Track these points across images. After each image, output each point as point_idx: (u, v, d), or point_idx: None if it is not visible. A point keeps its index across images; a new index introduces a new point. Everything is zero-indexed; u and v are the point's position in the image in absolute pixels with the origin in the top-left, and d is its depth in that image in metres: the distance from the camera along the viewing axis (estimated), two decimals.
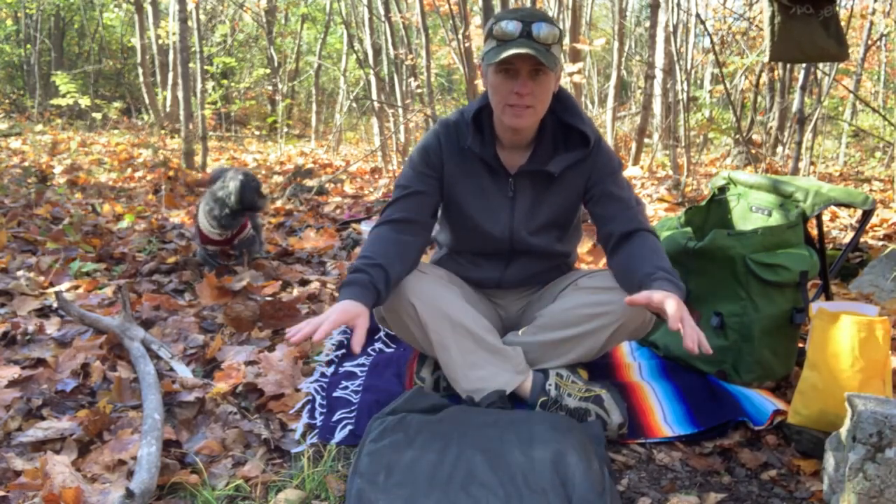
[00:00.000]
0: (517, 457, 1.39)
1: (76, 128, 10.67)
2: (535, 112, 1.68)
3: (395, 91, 7.70)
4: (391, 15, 7.36)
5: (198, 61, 6.81)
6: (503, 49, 1.60)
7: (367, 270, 1.61)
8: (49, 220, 3.96)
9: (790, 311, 1.93)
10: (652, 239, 1.72)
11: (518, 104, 1.65)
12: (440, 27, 8.49)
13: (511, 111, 1.66)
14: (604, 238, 1.79)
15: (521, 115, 1.67)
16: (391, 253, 1.68)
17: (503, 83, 1.65)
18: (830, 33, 2.76)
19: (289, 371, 2.01)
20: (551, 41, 1.61)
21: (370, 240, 1.74)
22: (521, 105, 1.65)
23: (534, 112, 1.68)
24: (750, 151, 6.14)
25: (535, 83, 1.64)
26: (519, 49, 1.57)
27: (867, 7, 8.12)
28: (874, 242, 3.74)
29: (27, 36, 13.91)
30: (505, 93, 1.65)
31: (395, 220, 1.75)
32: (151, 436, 1.52)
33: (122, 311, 2.21)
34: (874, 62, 11.63)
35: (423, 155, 1.81)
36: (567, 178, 1.79)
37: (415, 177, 1.80)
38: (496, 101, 1.69)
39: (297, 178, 6.23)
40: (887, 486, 1.26)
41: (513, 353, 1.76)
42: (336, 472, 1.53)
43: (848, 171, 8.18)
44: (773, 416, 1.73)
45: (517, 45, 1.58)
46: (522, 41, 1.59)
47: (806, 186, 2.11)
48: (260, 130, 13.23)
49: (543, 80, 1.64)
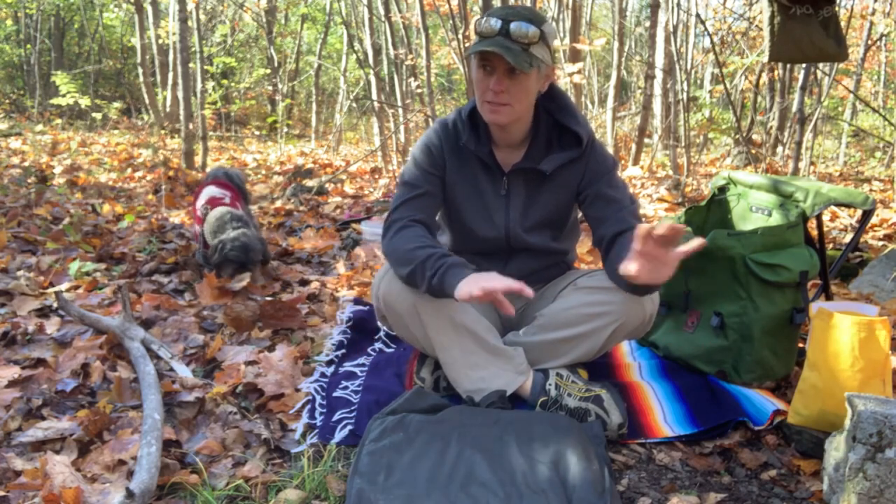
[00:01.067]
0: (517, 457, 1.39)
1: (76, 128, 10.67)
2: (514, 110, 1.69)
3: (395, 91, 7.69)
4: (391, 15, 7.36)
5: (198, 61, 6.82)
6: (479, 44, 1.61)
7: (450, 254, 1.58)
8: (49, 220, 3.96)
9: (790, 311, 1.93)
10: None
11: (494, 101, 1.66)
12: (440, 27, 8.49)
13: (488, 107, 1.68)
14: (597, 242, 1.79)
15: (498, 111, 1.67)
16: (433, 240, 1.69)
17: (482, 79, 1.67)
18: (830, 33, 2.76)
19: (289, 371, 2.01)
20: (529, 41, 1.61)
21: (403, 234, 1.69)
22: (497, 102, 1.66)
23: (511, 110, 1.68)
24: (750, 151, 6.14)
25: (511, 81, 1.64)
26: (490, 47, 1.58)
27: (867, 7, 8.12)
28: (874, 242, 3.74)
29: (27, 36, 13.91)
30: (483, 88, 1.67)
31: (413, 222, 1.73)
32: (151, 436, 1.52)
33: (122, 311, 2.21)
34: (874, 62, 11.63)
35: (427, 153, 1.81)
36: (560, 177, 1.80)
37: (422, 176, 1.79)
38: (477, 95, 1.72)
39: (297, 178, 6.24)
40: (887, 486, 1.26)
41: (514, 354, 1.76)
42: (336, 472, 1.53)
43: (848, 171, 8.18)
44: (773, 416, 1.73)
45: (492, 42, 1.60)
46: (499, 39, 1.60)
47: (806, 186, 2.11)
48: (260, 130, 13.24)
49: (521, 78, 1.64)
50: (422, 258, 1.60)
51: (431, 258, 1.59)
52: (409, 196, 1.77)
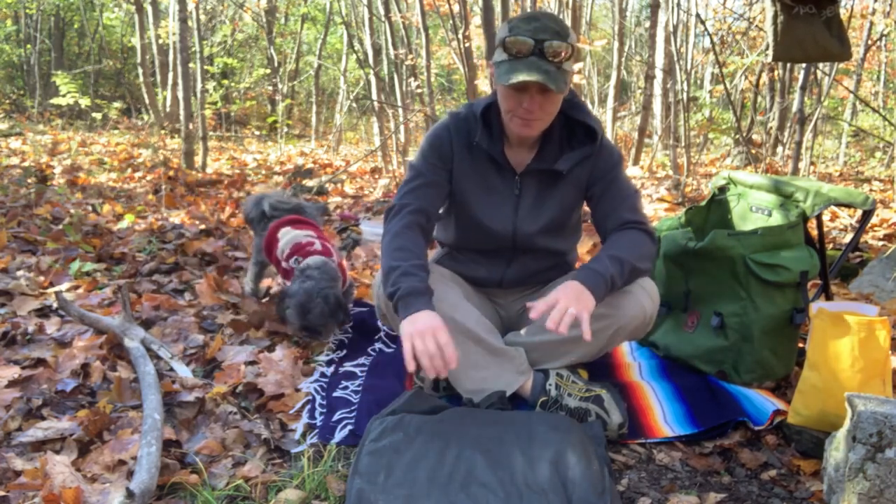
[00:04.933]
0: (517, 457, 1.39)
1: (76, 128, 10.67)
2: (544, 123, 1.70)
3: (395, 91, 7.69)
4: (391, 15, 7.36)
5: (198, 61, 6.81)
6: (514, 69, 1.58)
7: (418, 274, 1.61)
8: (49, 220, 3.96)
9: (790, 311, 1.93)
10: (621, 233, 1.73)
11: (526, 118, 1.66)
12: (440, 27, 8.49)
13: (519, 122, 1.67)
14: (602, 239, 1.82)
15: (530, 126, 1.68)
16: (421, 246, 1.70)
17: (512, 96, 1.65)
18: (833, 33, 2.76)
19: (289, 371, 2.01)
20: (563, 57, 1.59)
21: (400, 228, 1.71)
22: (530, 119, 1.66)
23: (542, 123, 1.69)
24: (750, 151, 6.14)
25: (545, 98, 1.63)
26: (529, 74, 1.56)
27: (867, 7, 8.12)
28: (874, 242, 3.74)
29: (27, 36, 13.91)
30: (513, 105, 1.66)
31: (416, 211, 1.74)
32: (151, 436, 1.52)
33: (122, 311, 2.21)
34: (874, 62, 11.62)
35: (435, 146, 1.81)
36: (572, 174, 1.81)
37: (428, 167, 1.80)
38: (504, 109, 1.69)
39: (297, 178, 6.24)
40: (887, 486, 1.26)
41: (514, 354, 1.76)
42: (336, 472, 1.53)
43: (848, 171, 8.18)
44: (773, 416, 1.73)
45: (527, 65, 1.57)
46: (534, 60, 1.57)
47: (806, 186, 2.11)
48: (260, 130, 13.24)
49: (553, 96, 1.64)
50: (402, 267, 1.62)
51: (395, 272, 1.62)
52: (415, 184, 1.78)
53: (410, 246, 1.67)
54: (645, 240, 1.73)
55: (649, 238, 1.74)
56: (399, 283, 1.59)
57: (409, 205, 1.74)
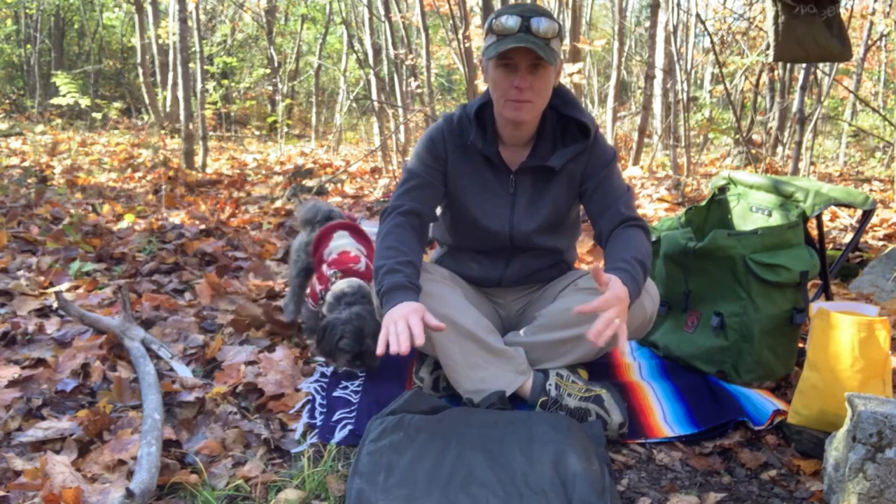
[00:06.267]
0: (517, 457, 1.39)
1: (76, 128, 10.67)
2: (535, 106, 1.70)
3: (395, 91, 7.69)
4: (391, 15, 7.35)
5: (198, 61, 6.81)
6: (502, 43, 1.61)
7: (402, 270, 1.63)
8: (49, 220, 3.96)
9: (790, 311, 1.93)
10: (630, 231, 1.73)
11: (518, 98, 1.66)
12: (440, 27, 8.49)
13: (511, 105, 1.68)
14: (597, 238, 1.83)
15: (521, 108, 1.68)
16: (411, 244, 1.72)
17: (503, 78, 1.67)
18: (834, 33, 2.76)
19: (289, 371, 2.01)
20: (550, 35, 1.63)
21: (391, 228, 1.74)
22: (521, 99, 1.67)
23: (533, 106, 1.69)
24: (750, 151, 6.14)
25: (535, 77, 1.65)
26: (518, 43, 1.59)
27: (867, 7, 8.11)
28: (874, 242, 3.74)
29: (27, 36, 13.91)
30: (505, 87, 1.67)
31: (409, 212, 1.77)
32: (151, 436, 1.52)
33: (122, 311, 2.21)
34: (874, 62, 11.62)
35: (429, 147, 1.83)
36: (565, 170, 1.82)
37: (422, 168, 1.82)
38: (496, 95, 1.71)
39: (297, 178, 6.24)
40: (887, 486, 1.26)
41: (514, 354, 1.76)
42: (336, 472, 1.53)
43: (848, 171, 8.17)
44: (773, 416, 1.73)
45: (516, 39, 1.60)
46: (521, 35, 1.61)
47: (806, 186, 2.11)
48: (260, 130, 13.24)
49: (542, 74, 1.66)
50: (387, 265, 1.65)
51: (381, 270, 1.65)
52: (409, 186, 1.81)
53: (398, 245, 1.69)
54: (647, 238, 1.75)
55: (648, 236, 1.76)
56: (384, 280, 1.63)
57: (402, 206, 1.77)
